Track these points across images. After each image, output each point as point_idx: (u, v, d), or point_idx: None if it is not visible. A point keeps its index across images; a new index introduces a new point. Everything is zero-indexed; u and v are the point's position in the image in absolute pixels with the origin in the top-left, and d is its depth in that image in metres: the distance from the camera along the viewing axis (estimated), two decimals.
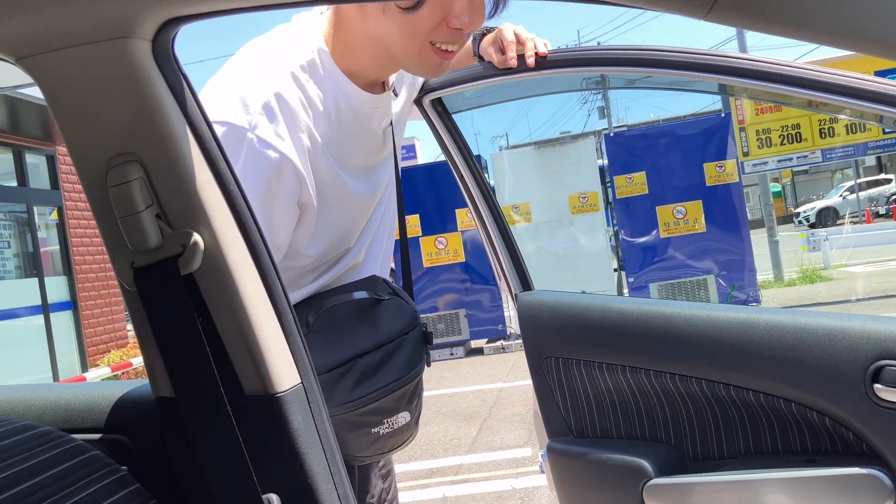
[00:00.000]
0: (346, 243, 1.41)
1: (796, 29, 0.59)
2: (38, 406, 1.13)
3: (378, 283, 1.43)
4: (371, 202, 1.45)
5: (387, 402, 1.36)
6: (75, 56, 0.83)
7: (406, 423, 1.42)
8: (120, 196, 0.88)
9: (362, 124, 1.37)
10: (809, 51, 32.17)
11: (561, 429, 1.69)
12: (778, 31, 0.60)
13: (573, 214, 9.56)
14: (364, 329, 1.35)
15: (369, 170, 1.43)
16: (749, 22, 0.60)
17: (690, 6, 0.59)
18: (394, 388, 1.35)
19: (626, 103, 47.96)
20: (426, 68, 1.32)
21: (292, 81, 1.28)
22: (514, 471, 4.72)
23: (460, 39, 1.29)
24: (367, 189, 1.42)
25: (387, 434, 1.39)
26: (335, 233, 1.38)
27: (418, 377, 1.41)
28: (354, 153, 1.38)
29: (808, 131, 10.65)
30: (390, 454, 1.49)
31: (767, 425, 1.46)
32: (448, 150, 1.77)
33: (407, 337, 1.40)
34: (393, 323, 1.39)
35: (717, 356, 1.45)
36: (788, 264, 12.67)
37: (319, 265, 1.39)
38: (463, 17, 1.24)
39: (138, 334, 0.96)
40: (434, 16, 1.24)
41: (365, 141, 1.40)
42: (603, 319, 1.60)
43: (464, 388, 7.41)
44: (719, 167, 9.06)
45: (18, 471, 0.83)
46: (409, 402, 1.41)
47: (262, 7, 0.80)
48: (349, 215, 1.40)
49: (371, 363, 1.34)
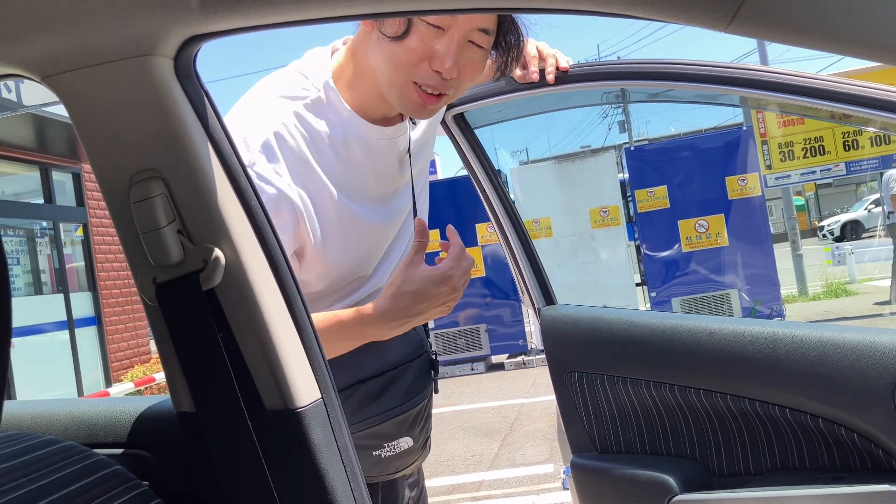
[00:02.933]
0: (362, 271, 1.42)
1: (819, 39, 0.58)
2: (63, 421, 1.14)
3: None
4: (389, 229, 1.46)
5: (386, 428, 1.37)
6: (98, 74, 0.84)
7: (409, 448, 1.42)
8: (142, 212, 0.89)
9: (374, 156, 1.39)
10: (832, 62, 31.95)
11: (584, 444, 1.67)
12: (800, 42, 0.59)
13: (594, 229, 9.52)
14: (369, 355, 1.36)
15: (385, 198, 1.44)
16: (770, 33, 0.59)
17: (711, 18, 0.59)
18: (391, 414, 1.36)
19: (646, 117, 47.72)
20: (405, 105, 1.31)
21: (295, 121, 1.31)
22: (535, 487, 4.68)
23: (441, 85, 1.27)
24: (382, 217, 1.43)
25: (389, 457, 1.40)
26: (349, 262, 1.39)
27: (419, 405, 1.40)
28: (368, 184, 1.40)
29: (831, 144, 10.55)
30: (396, 475, 1.49)
31: (794, 441, 1.44)
32: (470, 164, 1.77)
33: (410, 365, 1.40)
34: (398, 350, 1.39)
35: (743, 371, 1.43)
36: (813, 278, 12.52)
37: (333, 292, 1.40)
38: (445, 62, 1.24)
39: (160, 349, 0.97)
40: (417, 51, 1.25)
41: (379, 171, 1.41)
42: (626, 334, 1.58)
43: (485, 404, 7.38)
44: (741, 181, 9.00)
45: (42, 485, 0.83)
46: (411, 428, 1.41)
47: (284, 24, 0.80)
48: (365, 245, 1.41)
49: (372, 389, 1.35)
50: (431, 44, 1.24)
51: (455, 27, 1.24)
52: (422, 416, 1.42)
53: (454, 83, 1.29)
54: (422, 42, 1.24)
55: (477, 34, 1.27)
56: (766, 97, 1.36)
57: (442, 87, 1.28)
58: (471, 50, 1.28)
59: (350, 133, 1.35)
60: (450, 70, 1.25)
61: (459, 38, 1.25)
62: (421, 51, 1.24)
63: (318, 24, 1.07)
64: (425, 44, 1.24)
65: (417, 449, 1.44)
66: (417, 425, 1.41)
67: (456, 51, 1.25)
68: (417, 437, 1.43)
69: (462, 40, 1.26)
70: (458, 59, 1.25)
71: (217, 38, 0.84)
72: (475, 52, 1.29)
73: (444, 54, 1.24)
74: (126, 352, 10.52)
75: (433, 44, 1.24)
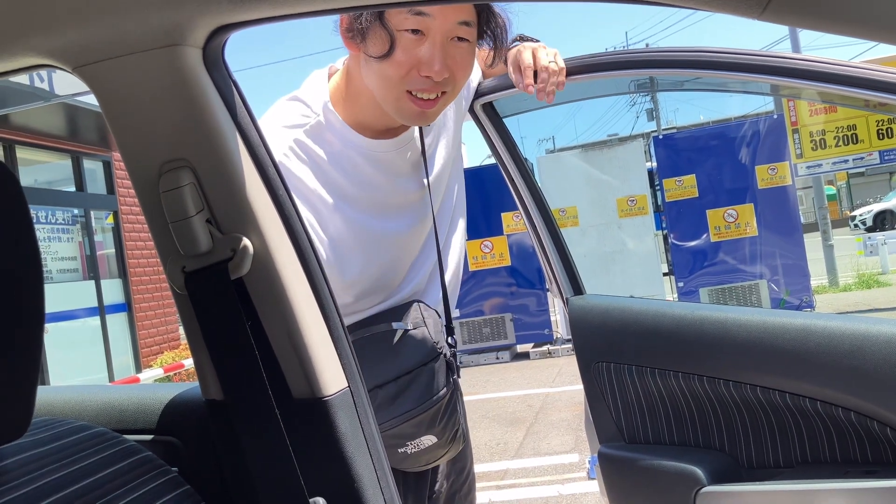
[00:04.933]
0: (389, 280, 1.45)
1: (854, 26, 0.57)
2: (94, 407, 1.15)
3: (412, 311, 1.44)
4: (413, 235, 1.48)
5: (405, 429, 1.38)
6: (128, 64, 0.85)
7: (434, 444, 1.43)
8: (171, 201, 0.89)
9: (384, 169, 1.42)
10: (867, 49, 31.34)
11: (612, 434, 1.67)
12: (834, 29, 0.58)
13: (621, 218, 9.45)
14: (386, 360, 1.38)
15: (408, 205, 1.46)
16: (804, 20, 0.58)
17: (744, 6, 0.58)
18: (408, 417, 1.37)
19: (675, 105, 47.18)
20: (405, 115, 1.34)
21: (297, 148, 1.35)
22: (560, 477, 4.68)
23: (435, 88, 1.30)
24: (405, 225, 1.45)
25: (415, 453, 1.42)
26: (373, 273, 1.42)
27: (435, 406, 1.41)
28: (384, 196, 1.43)
29: (864, 132, 10.36)
30: (427, 467, 1.50)
31: (825, 434, 1.42)
32: (499, 153, 1.76)
33: (424, 368, 1.40)
34: (413, 354, 1.40)
35: (773, 362, 1.41)
36: (844, 269, 12.34)
37: (362, 300, 1.43)
38: (433, 66, 1.26)
39: (189, 337, 0.98)
40: (404, 62, 1.27)
41: (393, 182, 1.44)
42: (655, 324, 1.57)
43: (510, 393, 7.38)
44: (772, 170, 8.87)
45: (74, 470, 0.85)
46: (431, 426, 1.42)
47: (311, 13, 0.80)
48: (388, 255, 1.44)
49: (388, 394, 1.36)
50: (415, 52, 1.27)
51: (434, 29, 1.26)
52: (442, 414, 1.42)
53: (449, 81, 1.31)
54: (406, 52, 1.27)
55: (459, 28, 1.28)
56: (798, 85, 1.34)
57: (436, 88, 1.31)
58: (456, 46, 1.30)
59: (353, 150, 1.38)
60: (439, 72, 1.27)
61: (442, 39, 1.27)
62: (407, 61, 1.27)
63: (343, 13, 1.07)
64: (409, 53, 1.27)
65: (444, 443, 1.45)
66: (438, 423, 1.42)
67: (441, 52, 1.27)
68: (441, 434, 1.43)
69: (444, 39, 1.28)
70: (446, 60, 1.28)
71: (245, 27, 0.84)
72: (462, 47, 1.31)
73: (430, 58, 1.27)
74: (156, 338, 10.66)
75: (417, 51, 1.27)
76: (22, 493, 0.77)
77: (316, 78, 1.44)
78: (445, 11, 1.26)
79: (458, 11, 1.27)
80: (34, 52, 0.86)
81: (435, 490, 1.56)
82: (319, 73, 1.46)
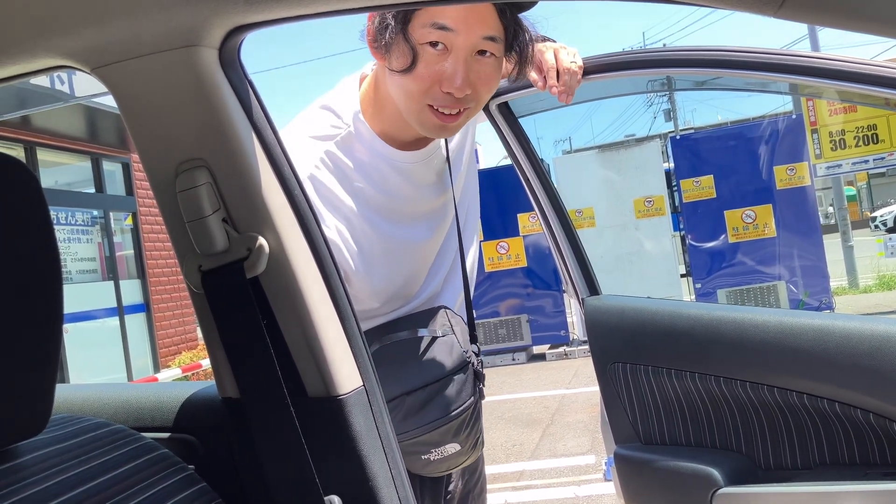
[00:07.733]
0: (411, 286, 1.45)
1: (873, 23, 0.56)
2: (112, 405, 1.16)
3: (440, 317, 1.44)
4: (433, 242, 1.48)
5: (432, 437, 1.38)
6: (145, 65, 0.86)
7: (457, 451, 1.43)
8: (188, 200, 0.90)
9: (410, 179, 1.41)
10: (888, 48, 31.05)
11: (628, 435, 1.66)
12: (852, 26, 0.57)
13: (638, 219, 9.40)
14: (413, 367, 1.38)
15: (432, 213, 1.47)
16: (822, 17, 0.57)
17: (760, 2, 0.57)
18: (436, 425, 1.37)
19: (692, 105, 46.80)
20: (426, 128, 1.32)
21: (328, 160, 1.35)
22: (576, 478, 4.67)
23: (457, 104, 1.28)
24: (427, 233, 1.46)
25: (438, 460, 1.42)
26: (399, 281, 1.42)
27: (462, 415, 1.41)
28: (412, 205, 1.43)
29: (885, 132, 10.25)
30: (448, 472, 1.51)
31: (844, 436, 1.41)
32: (514, 153, 1.76)
33: (454, 377, 1.40)
34: (442, 363, 1.39)
35: (791, 364, 1.40)
36: (864, 270, 12.22)
37: (386, 305, 1.43)
38: (454, 82, 1.24)
39: (205, 336, 0.98)
40: (426, 77, 1.25)
41: (420, 191, 1.44)
42: (672, 325, 1.56)
43: (526, 394, 7.37)
44: (790, 170, 8.80)
45: (93, 466, 0.85)
46: (456, 434, 1.41)
47: (327, 13, 0.81)
48: (412, 263, 1.45)
49: (416, 402, 1.36)
50: (438, 67, 1.25)
51: (458, 45, 1.24)
52: (467, 423, 1.42)
53: (471, 97, 1.29)
54: (428, 67, 1.25)
55: (484, 43, 1.26)
56: (818, 84, 1.33)
57: (458, 104, 1.28)
58: (481, 62, 1.27)
59: (383, 162, 1.38)
60: (460, 88, 1.25)
61: (465, 55, 1.25)
62: (429, 76, 1.25)
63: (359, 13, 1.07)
64: (432, 68, 1.25)
65: (466, 451, 1.45)
66: (463, 432, 1.42)
67: (464, 68, 1.24)
68: (465, 442, 1.44)
69: (468, 55, 1.25)
70: (469, 76, 1.25)
71: (261, 28, 0.85)
72: (486, 62, 1.28)
73: (452, 74, 1.24)
74: (174, 338, 10.73)
75: (440, 66, 1.25)
76: (41, 488, 0.78)
77: (346, 85, 1.43)
78: (470, 26, 1.23)
79: (483, 26, 1.24)
80: (53, 54, 0.87)
81: (449, 490, 1.57)
82: (350, 79, 1.44)
